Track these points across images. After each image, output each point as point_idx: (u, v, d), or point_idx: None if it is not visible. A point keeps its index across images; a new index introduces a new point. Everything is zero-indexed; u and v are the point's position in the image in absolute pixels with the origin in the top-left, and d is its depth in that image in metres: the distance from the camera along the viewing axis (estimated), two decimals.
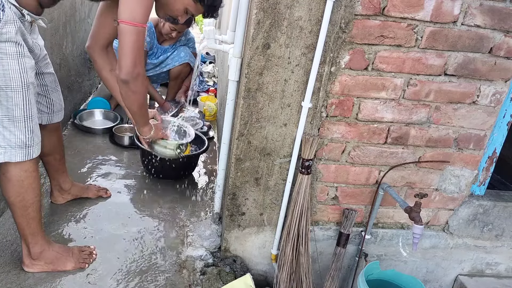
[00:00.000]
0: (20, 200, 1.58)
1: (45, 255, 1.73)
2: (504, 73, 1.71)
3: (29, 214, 1.62)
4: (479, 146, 1.85)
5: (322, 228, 1.94)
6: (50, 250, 1.74)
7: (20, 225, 1.64)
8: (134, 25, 1.48)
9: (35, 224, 1.65)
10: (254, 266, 2.01)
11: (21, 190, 1.56)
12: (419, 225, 1.60)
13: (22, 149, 1.51)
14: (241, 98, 1.66)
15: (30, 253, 1.70)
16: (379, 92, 1.68)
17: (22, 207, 1.59)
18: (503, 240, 2.10)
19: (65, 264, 1.76)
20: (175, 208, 2.33)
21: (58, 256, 1.76)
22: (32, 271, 1.72)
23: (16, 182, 1.54)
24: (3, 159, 1.49)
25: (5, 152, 1.48)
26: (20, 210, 1.60)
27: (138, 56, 1.53)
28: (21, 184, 1.55)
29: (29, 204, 1.60)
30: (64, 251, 1.79)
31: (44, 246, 1.72)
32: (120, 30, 1.49)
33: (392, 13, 1.54)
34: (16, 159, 1.51)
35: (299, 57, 1.58)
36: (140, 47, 1.53)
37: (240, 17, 1.69)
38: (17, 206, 1.59)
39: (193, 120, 3.28)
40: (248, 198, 1.84)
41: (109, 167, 2.61)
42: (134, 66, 1.52)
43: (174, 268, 1.88)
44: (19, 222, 1.63)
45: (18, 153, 1.50)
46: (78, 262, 1.79)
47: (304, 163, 1.73)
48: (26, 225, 1.63)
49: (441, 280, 2.17)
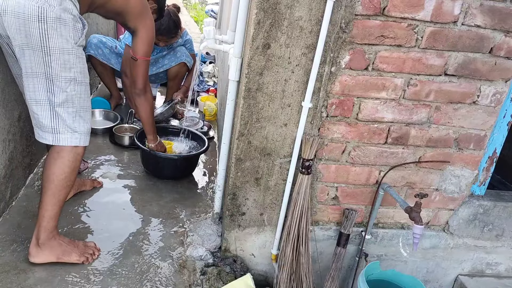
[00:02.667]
0: (62, 179, 1.72)
1: (52, 243, 1.78)
2: (504, 73, 1.71)
3: (61, 196, 1.75)
4: (479, 146, 1.85)
5: (322, 228, 1.94)
6: (57, 240, 1.80)
7: (47, 205, 1.73)
8: (145, 59, 2.18)
9: (58, 208, 1.76)
10: (254, 266, 2.01)
11: (68, 170, 1.73)
12: (419, 225, 1.60)
13: (88, 135, 1.78)
14: (241, 98, 1.66)
15: (39, 241, 1.75)
16: (379, 92, 1.68)
17: (61, 186, 1.73)
18: (503, 240, 2.10)
19: (70, 255, 1.81)
20: (175, 208, 2.32)
21: (64, 247, 1.80)
22: (37, 261, 1.76)
23: (67, 162, 1.72)
24: (78, 143, 1.73)
25: (81, 137, 1.74)
26: (56, 189, 1.72)
27: (147, 78, 2.26)
28: (70, 165, 1.73)
29: (66, 186, 1.75)
30: (70, 243, 1.84)
31: (54, 234, 1.79)
32: (137, 63, 2.17)
33: (393, 13, 1.54)
34: (86, 143, 1.78)
35: (299, 57, 1.58)
36: (147, 71, 2.26)
37: (240, 17, 1.69)
38: (55, 184, 1.72)
39: (193, 120, 3.29)
40: (248, 198, 1.84)
41: (109, 167, 2.61)
42: (145, 84, 2.27)
43: (174, 268, 1.88)
44: (47, 201, 1.73)
45: (86, 138, 1.77)
46: (82, 256, 1.83)
47: (304, 163, 1.73)
48: (52, 205, 1.73)
49: (441, 280, 2.17)
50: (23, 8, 1.53)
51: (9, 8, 1.54)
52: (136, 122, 3.19)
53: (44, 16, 1.54)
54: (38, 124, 1.71)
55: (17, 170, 2.15)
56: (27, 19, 1.54)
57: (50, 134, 1.70)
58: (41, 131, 1.72)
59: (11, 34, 1.59)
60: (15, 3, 1.53)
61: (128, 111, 3.18)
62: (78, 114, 1.72)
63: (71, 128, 1.71)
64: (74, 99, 1.70)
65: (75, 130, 1.72)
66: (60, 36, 1.59)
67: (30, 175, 2.33)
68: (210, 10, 5.91)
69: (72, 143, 1.72)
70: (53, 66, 1.61)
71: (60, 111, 1.67)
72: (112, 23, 4.38)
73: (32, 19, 1.54)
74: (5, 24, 1.57)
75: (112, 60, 3.29)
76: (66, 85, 1.66)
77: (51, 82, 1.64)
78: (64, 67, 1.64)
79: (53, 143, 1.71)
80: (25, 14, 1.53)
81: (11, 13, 1.54)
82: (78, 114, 1.72)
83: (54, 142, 1.71)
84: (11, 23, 1.56)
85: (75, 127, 1.72)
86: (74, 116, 1.71)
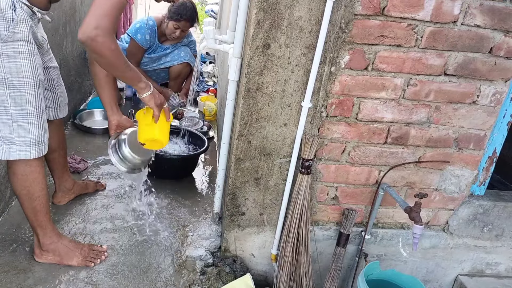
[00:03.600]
0: (25, 193, 1.63)
1: (54, 247, 1.76)
2: (504, 73, 1.71)
3: (35, 207, 1.66)
4: (479, 146, 1.85)
5: (322, 228, 1.94)
6: (59, 243, 1.77)
7: (29, 217, 1.69)
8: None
9: (42, 216, 1.69)
10: (254, 266, 2.01)
11: (26, 184, 1.61)
12: (419, 225, 1.60)
13: (36, 146, 1.56)
14: (241, 98, 1.66)
15: (40, 244, 1.74)
16: (379, 92, 1.68)
17: (28, 199, 1.64)
18: (503, 240, 2.10)
19: (72, 259, 1.78)
20: (175, 208, 2.32)
21: (66, 250, 1.78)
22: (41, 261, 1.77)
23: (20, 177, 1.59)
24: (18, 157, 1.53)
25: (20, 149, 1.53)
26: (26, 203, 1.65)
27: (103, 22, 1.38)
28: (26, 179, 1.60)
29: (35, 198, 1.65)
30: (74, 246, 1.81)
31: (53, 238, 1.75)
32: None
33: (392, 13, 1.54)
34: (31, 156, 1.55)
35: (299, 57, 1.58)
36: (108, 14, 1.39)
37: (240, 17, 1.69)
38: (23, 199, 1.64)
39: (193, 120, 3.28)
40: (248, 198, 1.84)
41: (109, 167, 2.61)
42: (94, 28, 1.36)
43: (174, 268, 1.88)
44: (26, 214, 1.69)
45: (33, 150, 1.55)
46: (84, 260, 1.80)
47: (304, 163, 1.73)
48: (33, 217, 1.68)
49: (441, 280, 2.17)
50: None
51: None
52: (136, 122, 3.18)
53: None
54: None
55: None
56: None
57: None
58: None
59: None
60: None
61: (128, 111, 3.17)
62: (16, 122, 1.49)
63: (8, 139, 1.50)
64: (7, 105, 1.46)
65: (12, 141, 1.50)
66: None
67: None
68: (210, 10, 5.92)
69: (9, 157, 1.52)
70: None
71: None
72: None
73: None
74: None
75: None
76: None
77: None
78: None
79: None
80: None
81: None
82: (15, 122, 1.49)
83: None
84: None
85: (12, 138, 1.50)
86: (11, 125, 1.49)
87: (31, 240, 1.88)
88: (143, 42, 3.21)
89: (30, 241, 1.88)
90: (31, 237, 1.89)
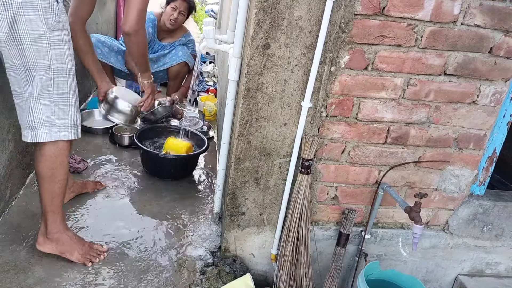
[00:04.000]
0: (49, 175, 1.68)
1: (59, 237, 1.78)
2: (504, 73, 1.71)
3: (55, 190, 1.72)
4: (479, 146, 1.85)
5: (322, 228, 1.94)
6: (64, 234, 1.79)
7: (45, 200, 1.73)
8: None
9: (58, 201, 1.74)
10: (254, 266, 2.01)
11: (53, 166, 1.67)
12: (419, 225, 1.60)
13: (73, 128, 1.67)
14: (241, 98, 1.66)
15: (47, 231, 1.76)
16: (379, 92, 1.68)
17: (51, 182, 1.69)
18: (503, 240, 2.10)
19: (72, 253, 1.80)
20: (175, 208, 2.32)
21: (69, 243, 1.80)
22: (43, 250, 1.78)
23: (49, 158, 1.65)
24: (59, 137, 1.63)
25: (60, 131, 1.63)
26: (47, 185, 1.70)
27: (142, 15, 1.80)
28: (54, 160, 1.66)
29: (57, 181, 1.70)
30: (77, 241, 1.83)
31: (60, 227, 1.78)
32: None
33: (392, 13, 1.54)
34: (69, 137, 1.66)
35: (299, 57, 1.58)
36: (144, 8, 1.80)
37: (240, 17, 1.69)
38: (45, 181, 1.69)
39: (192, 120, 3.28)
40: (248, 198, 1.84)
41: (109, 167, 2.61)
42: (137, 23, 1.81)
43: (173, 268, 1.88)
44: (44, 197, 1.72)
45: (71, 131, 1.66)
46: (83, 257, 1.81)
47: (304, 163, 1.73)
48: (50, 200, 1.72)
49: (441, 280, 2.17)
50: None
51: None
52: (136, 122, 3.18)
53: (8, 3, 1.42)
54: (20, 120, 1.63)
55: (17, 170, 2.15)
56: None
57: (29, 131, 1.61)
58: (23, 127, 1.63)
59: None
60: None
61: None
62: (57, 105, 1.60)
63: (49, 121, 1.60)
64: (51, 89, 1.58)
65: (53, 123, 1.61)
66: (29, 21, 1.46)
67: (29, 175, 2.33)
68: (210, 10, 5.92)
69: (50, 138, 1.62)
70: (27, 56, 1.50)
71: (37, 105, 1.57)
72: (112, 23, 4.37)
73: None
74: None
75: (112, 58, 3.29)
76: (42, 75, 1.54)
77: (31, 73, 1.53)
78: (38, 55, 1.52)
79: (32, 140, 1.61)
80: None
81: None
82: (56, 105, 1.60)
83: (33, 139, 1.61)
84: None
85: (53, 120, 1.61)
86: (52, 108, 1.60)
87: (31, 240, 1.88)
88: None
89: (30, 241, 1.88)
90: (31, 237, 1.89)
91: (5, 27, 1.45)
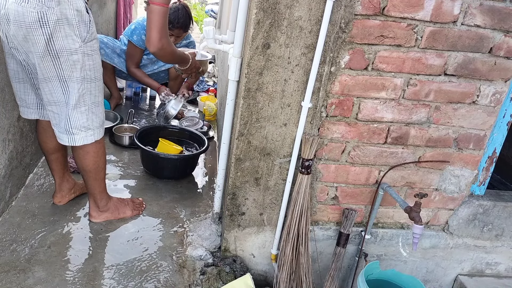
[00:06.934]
0: (96, 167, 1.90)
1: (109, 206, 2.06)
2: (504, 73, 1.71)
3: (101, 176, 1.96)
4: (479, 146, 1.85)
5: (322, 228, 1.94)
6: (111, 203, 2.07)
7: (93, 187, 1.96)
8: (161, 6, 1.75)
9: (104, 183, 2.00)
10: (254, 266, 2.01)
11: (97, 159, 1.89)
12: (419, 225, 1.60)
13: (102, 127, 1.86)
14: (241, 98, 1.66)
15: (98, 206, 2.03)
16: (379, 92, 1.68)
17: (97, 171, 1.92)
18: (503, 240, 2.10)
19: (125, 211, 2.11)
20: (175, 208, 2.32)
21: (118, 206, 2.10)
22: (99, 221, 2.05)
23: (94, 154, 1.86)
24: (94, 139, 1.82)
25: (94, 133, 1.81)
26: (95, 174, 1.92)
27: (163, 31, 1.82)
28: (97, 154, 1.88)
29: (102, 168, 1.94)
30: (122, 202, 2.13)
31: (108, 199, 2.06)
32: (150, 9, 1.77)
33: (392, 13, 1.54)
34: (101, 136, 1.86)
35: (299, 57, 1.58)
36: (164, 24, 1.81)
37: (240, 17, 1.69)
38: (93, 172, 1.91)
39: (192, 120, 3.28)
40: (248, 198, 1.84)
41: (109, 167, 2.60)
42: (159, 40, 1.82)
43: (173, 268, 1.88)
44: (92, 185, 1.95)
45: (100, 131, 1.85)
46: (133, 211, 2.13)
47: (304, 163, 1.73)
48: (98, 185, 1.96)
49: (441, 280, 2.17)
50: (23, 17, 1.50)
51: (11, 17, 1.52)
52: (136, 122, 3.19)
53: (45, 21, 1.51)
54: (55, 125, 1.78)
55: (17, 170, 2.15)
56: (29, 27, 1.52)
57: (66, 135, 1.77)
58: (58, 131, 1.78)
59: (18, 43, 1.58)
60: (15, 13, 1.50)
61: (128, 111, 3.18)
62: (91, 111, 1.76)
63: (85, 127, 1.76)
64: (86, 97, 1.72)
65: (88, 127, 1.77)
66: (65, 37, 1.57)
67: (29, 175, 2.33)
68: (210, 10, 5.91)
69: (87, 141, 1.79)
70: (63, 68, 1.62)
71: (74, 113, 1.71)
72: (112, 23, 4.38)
73: (34, 26, 1.51)
74: (11, 33, 1.56)
75: (115, 59, 3.29)
76: (78, 86, 1.67)
77: (65, 84, 1.66)
78: (74, 68, 1.63)
79: (69, 143, 1.79)
80: (26, 23, 1.51)
81: (14, 22, 1.52)
82: (90, 111, 1.76)
83: (70, 143, 1.78)
84: (16, 34, 1.54)
85: (89, 124, 1.77)
86: (87, 114, 1.75)
87: (31, 240, 1.88)
88: (140, 43, 3.22)
89: (30, 241, 1.88)
90: (31, 237, 1.90)
91: (42, 42, 1.54)
